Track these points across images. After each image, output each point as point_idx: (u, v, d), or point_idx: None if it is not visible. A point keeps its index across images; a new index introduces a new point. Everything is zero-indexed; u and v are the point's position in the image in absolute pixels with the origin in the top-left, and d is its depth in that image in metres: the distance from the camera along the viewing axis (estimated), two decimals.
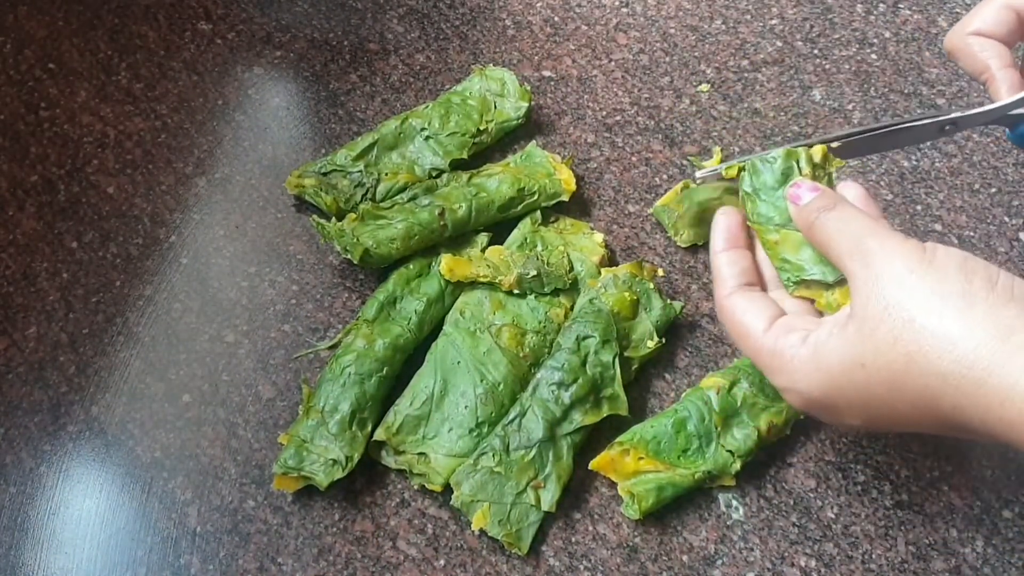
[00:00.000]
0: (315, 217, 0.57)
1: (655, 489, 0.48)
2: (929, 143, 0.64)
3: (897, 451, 0.52)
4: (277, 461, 0.49)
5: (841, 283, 0.43)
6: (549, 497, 0.49)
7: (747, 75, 0.68)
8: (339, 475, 0.49)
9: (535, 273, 0.55)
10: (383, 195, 0.59)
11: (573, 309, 0.55)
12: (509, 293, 0.55)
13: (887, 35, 0.71)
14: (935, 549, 0.49)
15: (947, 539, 0.49)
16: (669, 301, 0.55)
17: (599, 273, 0.56)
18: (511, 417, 0.50)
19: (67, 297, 0.57)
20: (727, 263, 0.45)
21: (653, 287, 0.55)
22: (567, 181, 0.59)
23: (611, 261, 0.59)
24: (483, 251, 0.57)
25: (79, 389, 0.54)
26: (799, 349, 0.38)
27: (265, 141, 0.65)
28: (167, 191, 0.62)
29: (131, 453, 0.52)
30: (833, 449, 0.52)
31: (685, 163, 0.63)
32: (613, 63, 0.69)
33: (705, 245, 0.59)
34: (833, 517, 0.50)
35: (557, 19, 0.72)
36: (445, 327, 0.54)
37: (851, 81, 0.68)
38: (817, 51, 0.70)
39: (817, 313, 0.43)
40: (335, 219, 0.57)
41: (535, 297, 0.55)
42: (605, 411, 0.51)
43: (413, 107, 0.65)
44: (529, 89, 0.64)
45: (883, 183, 0.63)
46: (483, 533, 0.48)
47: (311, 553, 0.49)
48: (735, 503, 0.50)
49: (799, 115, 0.66)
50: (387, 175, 0.60)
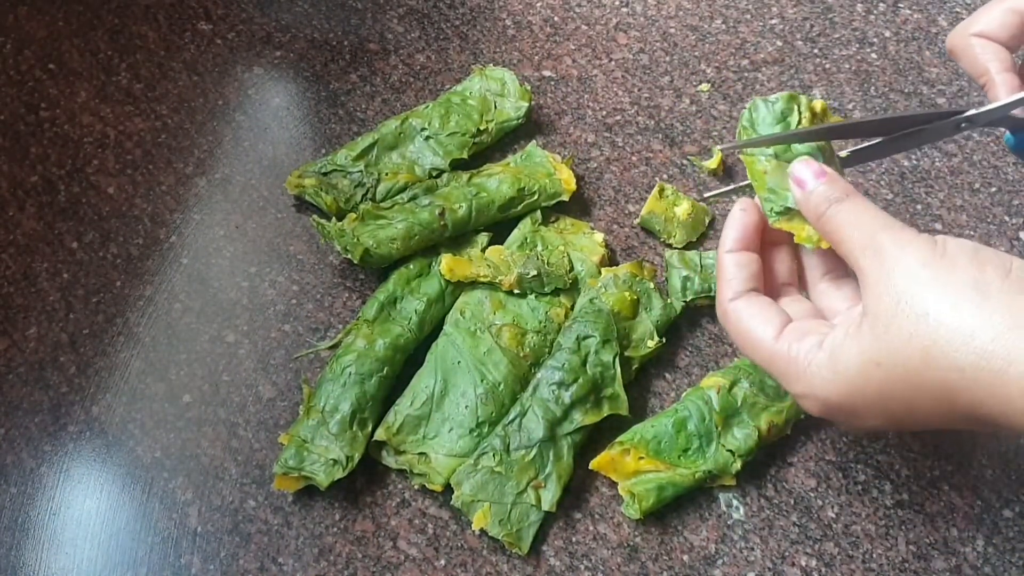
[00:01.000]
0: (315, 217, 0.57)
1: (655, 489, 0.48)
2: (929, 143, 0.64)
3: (897, 450, 0.52)
4: (278, 461, 0.50)
5: None
6: (549, 497, 0.49)
7: (747, 75, 0.68)
8: (339, 475, 0.49)
9: (535, 273, 0.55)
10: (383, 195, 0.59)
11: (573, 309, 0.55)
12: (509, 293, 0.55)
13: (887, 34, 0.71)
14: (936, 548, 0.49)
15: (948, 538, 0.49)
16: (669, 300, 0.55)
17: (599, 273, 0.56)
18: (511, 417, 0.50)
19: (67, 297, 0.57)
20: (734, 264, 0.42)
21: (653, 287, 0.55)
22: (567, 181, 0.59)
23: (611, 261, 0.59)
24: (483, 251, 0.57)
25: (79, 389, 0.54)
26: (816, 354, 0.37)
27: (265, 141, 0.65)
28: (167, 191, 0.62)
29: (132, 453, 0.52)
30: (833, 449, 0.52)
31: (685, 163, 0.63)
32: (613, 63, 0.69)
33: (700, 240, 0.59)
34: (834, 516, 0.50)
35: (557, 19, 0.72)
36: (445, 327, 0.54)
37: (851, 80, 0.68)
38: (817, 50, 0.70)
39: (822, 315, 0.42)
40: (335, 219, 0.57)
41: (535, 297, 0.55)
42: (605, 411, 0.51)
43: (413, 107, 0.65)
44: (529, 89, 0.64)
45: (883, 182, 0.63)
46: (484, 533, 0.48)
47: (312, 553, 0.49)
48: (736, 503, 0.50)
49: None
50: (387, 175, 0.60)
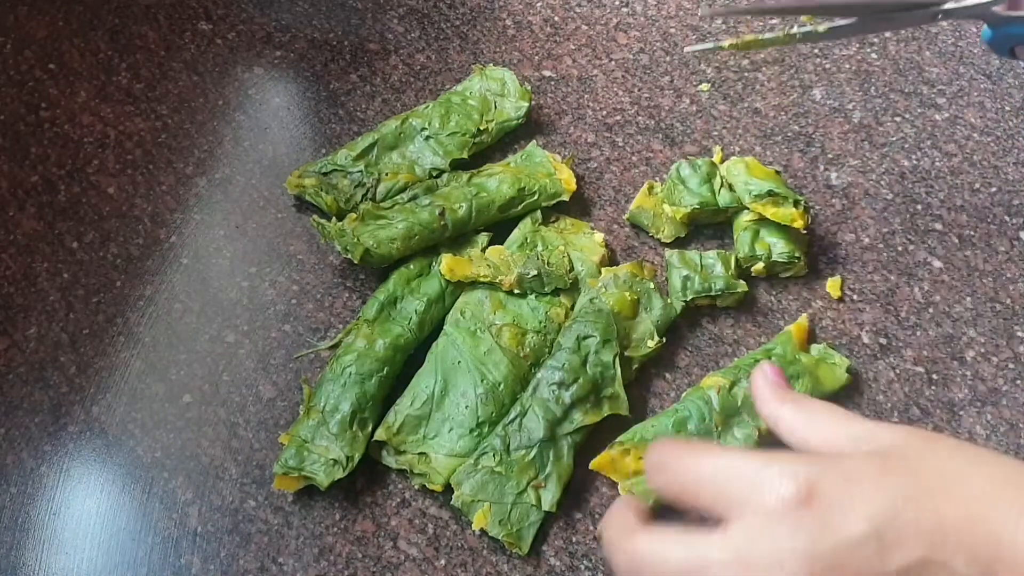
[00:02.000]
0: (315, 217, 0.57)
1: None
2: (930, 142, 0.64)
3: None
4: (278, 461, 0.50)
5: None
6: (550, 497, 0.49)
7: (747, 74, 0.68)
8: (340, 475, 0.49)
9: (535, 273, 0.55)
10: (383, 195, 0.59)
11: (573, 309, 0.55)
12: (509, 293, 0.55)
13: (887, 34, 0.71)
14: None
15: None
16: (669, 300, 0.55)
17: (599, 273, 0.56)
18: (511, 417, 0.50)
19: (67, 297, 0.57)
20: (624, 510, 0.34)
21: (653, 287, 0.55)
22: (567, 181, 0.59)
23: (611, 261, 0.59)
24: (483, 251, 0.57)
25: (80, 389, 0.54)
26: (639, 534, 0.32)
27: (265, 141, 0.65)
28: (167, 191, 0.62)
29: (132, 453, 0.52)
30: None
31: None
32: (613, 63, 0.69)
33: (695, 237, 0.59)
34: None
35: (557, 19, 0.72)
36: (445, 327, 0.54)
37: (851, 80, 0.68)
38: (817, 50, 0.70)
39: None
40: (335, 219, 0.57)
41: (535, 297, 0.55)
42: (605, 411, 0.51)
43: (413, 107, 0.65)
44: (529, 89, 0.64)
45: (883, 182, 0.63)
46: (484, 533, 0.48)
47: (312, 553, 0.49)
48: None
49: (799, 115, 0.66)
50: (387, 175, 0.60)
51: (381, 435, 0.50)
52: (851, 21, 0.44)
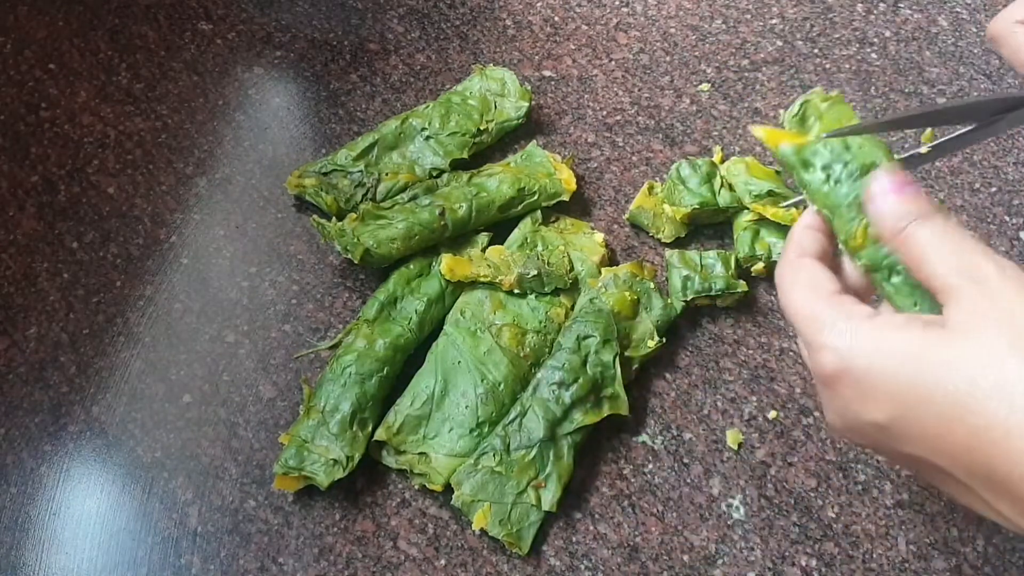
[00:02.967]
0: (315, 217, 0.57)
1: None
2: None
3: None
4: (278, 461, 0.49)
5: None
6: (550, 497, 0.49)
7: (747, 75, 0.68)
8: (340, 475, 0.49)
9: (535, 273, 0.55)
10: (383, 195, 0.59)
11: (573, 309, 0.55)
12: (510, 293, 0.55)
13: (887, 34, 0.71)
14: (936, 548, 0.49)
15: (948, 538, 0.49)
16: (669, 300, 0.55)
17: (599, 273, 0.56)
18: (512, 417, 0.50)
19: (67, 297, 0.57)
20: (810, 237, 0.38)
21: (653, 286, 0.55)
22: (567, 181, 0.59)
23: (611, 261, 0.59)
24: (483, 251, 0.57)
25: (80, 389, 0.54)
26: (866, 321, 0.33)
27: (265, 141, 0.65)
28: (167, 191, 0.62)
29: (132, 453, 0.52)
30: (834, 449, 0.52)
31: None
32: (613, 63, 0.69)
33: (695, 237, 0.59)
34: (834, 516, 0.50)
35: (557, 19, 0.72)
36: (446, 327, 0.54)
37: (851, 80, 0.68)
38: (817, 50, 0.70)
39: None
40: (335, 219, 0.57)
41: (535, 297, 0.55)
42: (606, 411, 0.51)
43: (413, 107, 0.65)
44: (529, 89, 0.64)
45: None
46: (484, 533, 0.48)
47: (312, 553, 0.49)
48: (736, 503, 0.50)
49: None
50: (387, 175, 0.60)
51: (381, 435, 0.50)
52: (961, 132, 0.41)
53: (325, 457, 0.49)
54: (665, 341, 0.54)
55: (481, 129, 0.62)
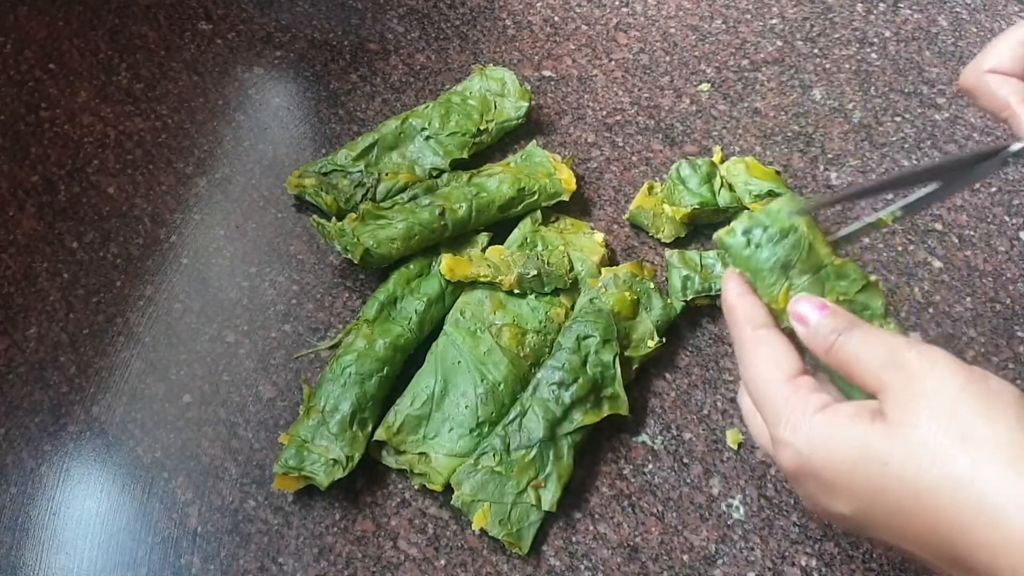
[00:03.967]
0: (315, 217, 0.57)
1: None
2: (930, 142, 0.64)
3: None
4: (278, 461, 0.50)
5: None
6: (549, 497, 0.49)
7: (747, 74, 0.68)
8: (340, 475, 0.49)
9: (535, 273, 0.55)
10: (383, 195, 0.59)
11: (573, 309, 0.55)
12: (510, 293, 0.55)
13: (887, 34, 0.71)
14: None
15: None
16: (669, 300, 0.55)
17: (599, 273, 0.56)
18: (511, 417, 0.50)
19: (67, 297, 0.57)
20: (751, 304, 0.39)
21: (653, 286, 0.55)
22: (567, 181, 0.59)
23: (611, 261, 0.59)
24: (483, 251, 0.57)
25: (80, 389, 0.54)
26: (816, 415, 0.34)
27: (265, 141, 0.65)
28: (167, 191, 0.62)
29: (132, 453, 0.52)
30: None
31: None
32: (613, 63, 0.69)
33: (691, 236, 0.59)
34: None
35: (557, 19, 0.72)
36: (445, 327, 0.54)
37: (851, 80, 0.68)
38: (817, 50, 0.70)
39: (838, 391, 0.40)
40: (335, 219, 0.57)
41: (535, 297, 0.55)
42: (606, 411, 0.51)
43: (413, 107, 0.65)
44: (529, 89, 0.64)
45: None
46: (484, 533, 0.48)
47: (312, 553, 0.49)
48: (736, 503, 0.50)
49: (799, 114, 0.66)
50: (387, 175, 0.60)
51: (381, 435, 0.50)
52: (926, 192, 0.42)
53: (325, 457, 0.49)
54: (665, 341, 0.54)
55: (481, 129, 0.62)
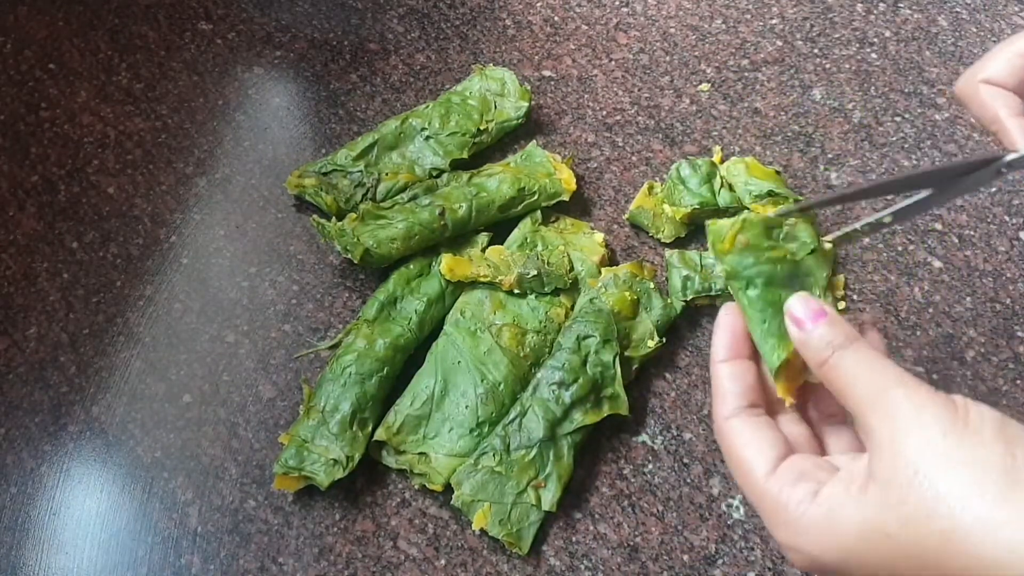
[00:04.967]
0: (315, 217, 0.57)
1: None
2: (930, 142, 0.64)
3: None
4: (278, 461, 0.49)
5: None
6: (550, 497, 0.49)
7: (747, 74, 0.68)
8: (340, 475, 0.49)
9: (535, 273, 0.55)
10: (383, 195, 0.59)
11: (573, 309, 0.55)
12: (509, 293, 0.55)
13: (887, 34, 0.71)
14: None
15: None
16: (669, 300, 0.55)
17: (599, 273, 0.56)
18: (512, 417, 0.50)
19: (67, 297, 0.57)
20: (728, 377, 0.39)
21: (653, 286, 0.55)
22: (567, 181, 0.59)
23: (611, 261, 0.59)
24: (483, 251, 0.57)
25: (80, 389, 0.54)
26: (809, 507, 0.34)
27: (265, 141, 0.65)
28: (167, 191, 0.62)
29: (132, 453, 0.52)
30: None
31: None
32: (613, 63, 0.69)
33: (691, 236, 0.59)
34: None
35: (557, 19, 0.72)
36: (445, 327, 0.54)
37: (851, 80, 0.68)
38: (817, 50, 0.70)
39: (821, 450, 0.40)
40: (335, 219, 0.57)
41: (535, 297, 0.55)
42: (606, 411, 0.51)
43: (413, 107, 0.65)
44: (529, 89, 0.64)
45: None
46: (484, 533, 0.48)
47: (312, 553, 0.49)
48: (736, 503, 0.50)
49: (799, 114, 0.66)
50: (387, 175, 0.60)
51: (381, 435, 0.50)
52: (918, 199, 0.42)
53: (325, 457, 0.49)
54: (665, 341, 0.54)
55: (481, 129, 0.62)
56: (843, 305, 0.56)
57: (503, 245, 0.58)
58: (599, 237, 0.58)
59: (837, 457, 0.38)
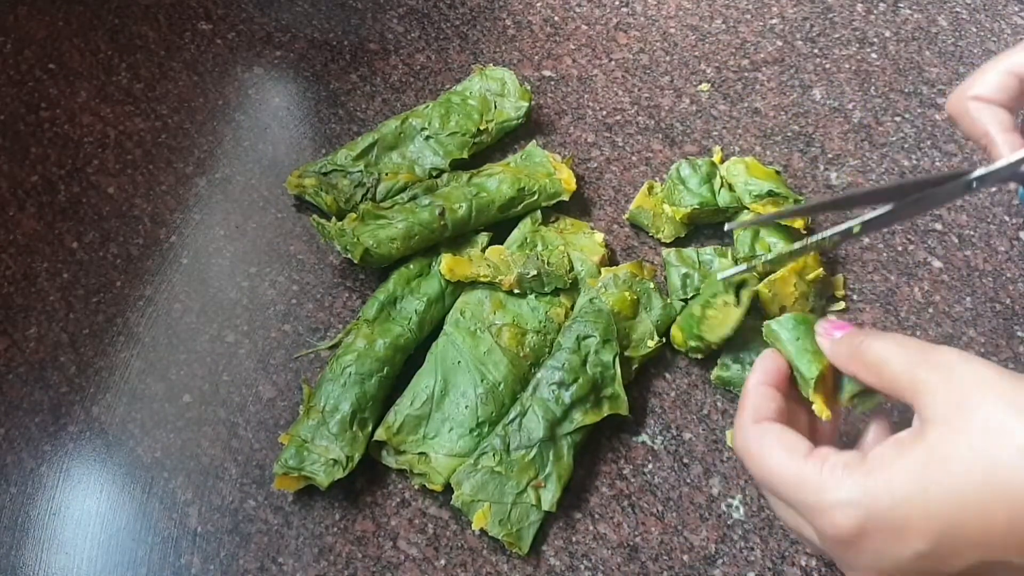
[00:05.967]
0: (315, 217, 0.57)
1: None
2: (930, 142, 0.64)
3: None
4: (278, 461, 0.50)
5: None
6: (549, 497, 0.49)
7: (747, 74, 0.68)
8: (340, 475, 0.49)
9: (535, 273, 0.55)
10: (383, 195, 0.59)
11: (573, 309, 0.55)
12: (509, 293, 0.55)
13: (887, 34, 0.71)
14: None
15: None
16: (669, 300, 0.55)
17: (599, 273, 0.56)
18: (511, 417, 0.50)
19: (67, 297, 0.57)
20: (762, 395, 0.39)
21: (653, 286, 0.55)
22: (567, 181, 0.59)
23: (611, 261, 0.59)
24: (483, 251, 0.57)
25: (80, 389, 0.54)
26: (857, 465, 0.33)
27: (265, 141, 0.65)
28: (167, 191, 0.62)
29: (132, 453, 0.52)
30: None
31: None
32: (613, 63, 0.69)
33: (695, 237, 0.59)
34: None
35: (557, 19, 0.72)
36: (445, 327, 0.54)
37: (851, 80, 0.68)
38: (817, 50, 0.70)
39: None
40: (335, 219, 0.57)
41: (535, 297, 0.55)
42: (606, 411, 0.51)
43: (413, 107, 0.65)
44: (529, 89, 0.64)
45: (883, 182, 0.63)
46: (484, 533, 0.48)
47: (312, 553, 0.49)
48: (736, 503, 0.50)
49: (799, 114, 0.66)
50: (387, 175, 0.60)
51: (381, 435, 0.50)
52: (886, 210, 0.43)
53: (325, 457, 0.49)
54: (665, 341, 0.54)
55: (481, 129, 0.62)
56: (843, 305, 0.57)
57: (503, 245, 0.58)
58: (599, 237, 0.58)
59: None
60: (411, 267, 0.56)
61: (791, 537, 0.49)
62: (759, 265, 0.47)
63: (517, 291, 0.55)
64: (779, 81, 0.68)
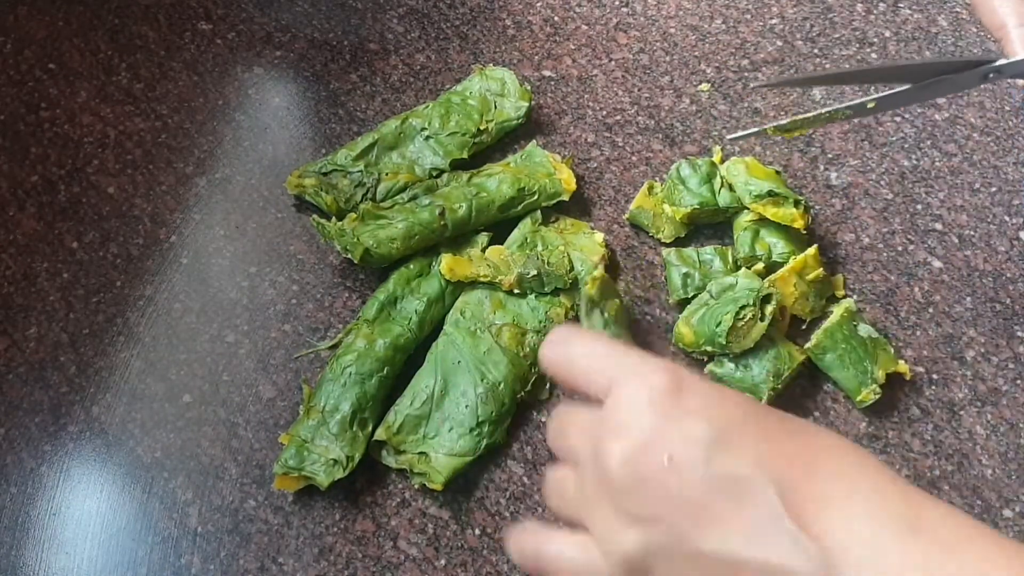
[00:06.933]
0: (315, 217, 0.57)
1: None
2: (930, 142, 0.64)
3: (898, 450, 0.52)
4: (278, 461, 0.50)
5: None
6: None
7: (747, 74, 0.68)
8: (340, 475, 0.49)
9: (535, 273, 0.55)
10: (383, 195, 0.59)
11: (573, 309, 0.55)
12: (509, 293, 0.55)
13: (887, 34, 0.71)
14: None
15: None
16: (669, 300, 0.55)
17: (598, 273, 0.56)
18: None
19: (67, 297, 0.57)
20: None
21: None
22: (567, 181, 0.59)
23: (611, 261, 0.59)
24: (483, 251, 0.57)
25: (80, 389, 0.54)
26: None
27: (265, 141, 0.65)
28: (167, 191, 0.62)
29: (132, 453, 0.52)
30: None
31: None
32: (613, 63, 0.69)
33: (695, 237, 0.59)
34: None
35: (557, 19, 0.72)
36: (445, 327, 0.54)
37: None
38: (817, 50, 0.70)
39: None
40: (335, 219, 0.57)
41: (535, 297, 0.55)
42: None
43: (413, 107, 0.65)
44: (529, 89, 0.64)
45: (883, 182, 0.63)
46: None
47: (312, 553, 0.49)
48: None
49: (799, 114, 0.66)
50: (387, 175, 0.60)
51: (381, 435, 0.50)
52: (902, 89, 0.43)
53: (325, 457, 0.49)
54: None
55: (481, 129, 0.62)
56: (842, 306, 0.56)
57: (503, 245, 0.58)
58: (599, 237, 0.58)
59: None
60: (411, 267, 0.56)
61: None
62: (770, 129, 0.48)
63: (517, 291, 0.55)
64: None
